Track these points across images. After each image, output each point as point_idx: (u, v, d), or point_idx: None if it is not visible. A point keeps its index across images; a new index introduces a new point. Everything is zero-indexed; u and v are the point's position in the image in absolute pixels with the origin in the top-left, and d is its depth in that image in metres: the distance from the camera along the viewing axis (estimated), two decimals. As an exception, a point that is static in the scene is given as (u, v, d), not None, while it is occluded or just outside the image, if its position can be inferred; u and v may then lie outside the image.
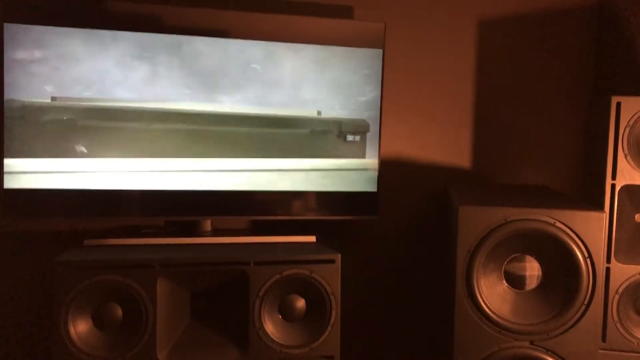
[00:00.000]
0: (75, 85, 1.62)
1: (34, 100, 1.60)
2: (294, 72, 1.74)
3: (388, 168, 2.02)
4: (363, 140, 1.78)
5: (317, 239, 1.76)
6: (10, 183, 1.61)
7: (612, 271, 1.64)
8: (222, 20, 1.70)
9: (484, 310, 1.47)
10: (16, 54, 1.58)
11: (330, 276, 1.58)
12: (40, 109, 1.61)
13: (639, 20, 1.86)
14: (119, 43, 1.64)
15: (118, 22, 1.63)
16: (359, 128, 1.75)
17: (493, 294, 1.49)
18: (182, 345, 1.57)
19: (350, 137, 1.74)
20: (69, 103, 1.62)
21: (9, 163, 1.61)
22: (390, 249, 2.08)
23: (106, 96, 1.64)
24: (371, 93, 1.80)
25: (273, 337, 1.57)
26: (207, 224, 1.78)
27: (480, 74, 2.07)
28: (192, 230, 1.76)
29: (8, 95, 1.59)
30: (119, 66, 1.64)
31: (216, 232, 1.78)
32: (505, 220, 1.45)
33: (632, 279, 1.64)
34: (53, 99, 1.61)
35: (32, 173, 1.62)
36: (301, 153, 1.77)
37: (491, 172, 2.11)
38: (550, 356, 1.48)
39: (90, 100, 1.63)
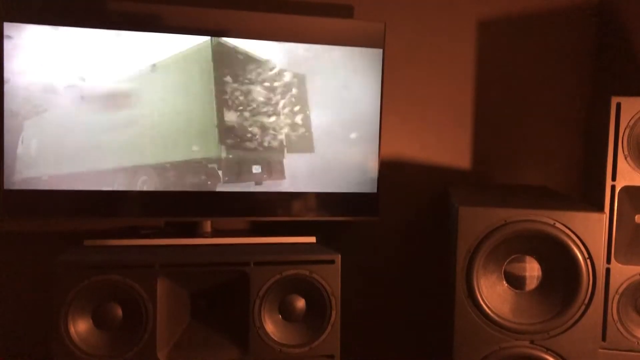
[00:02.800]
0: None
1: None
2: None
3: (388, 168, 2.02)
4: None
5: (317, 239, 1.76)
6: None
7: (612, 272, 1.64)
8: (221, 20, 1.70)
9: (484, 310, 1.47)
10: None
11: (330, 276, 1.58)
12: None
13: (639, 20, 1.86)
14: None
15: (119, 21, 1.64)
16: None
17: (493, 294, 1.49)
18: (182, 345, 1.57)
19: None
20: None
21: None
22: (390, 249, 2.08)
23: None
24: (371, 93, 1.81)
25: (273, 337, 1.57)
26: (207, 225, 1.78)
27: (480, 74, 2.07)
28: (192, 230, 1.76)
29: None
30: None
31: (216, 233, 1.78)
32: (505, 221, 1.45)
33: (632, 279, 1.64)
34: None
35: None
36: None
37: (491, 172, 2.11)
38: (551, 355, 1.48)
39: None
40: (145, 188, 1.68)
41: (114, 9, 1.64)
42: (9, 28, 1.58)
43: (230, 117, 1.70)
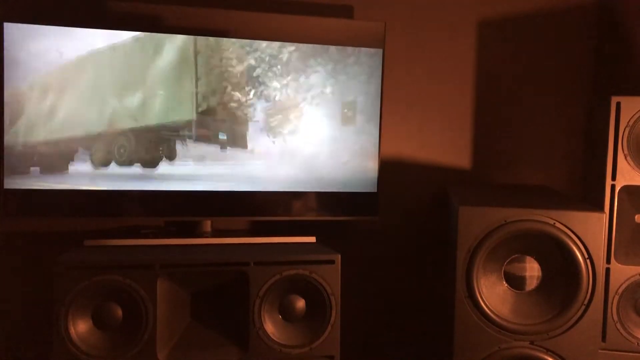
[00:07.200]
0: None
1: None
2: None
3: (388, 168, 2.02)
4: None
5: (317, 239, 1.76)
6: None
7: (612, 272, 1.64)
8: (221, 20, 1.70)
9: (484, 310, 1.47)
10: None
11: (330, 276, 1.58)
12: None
13: (639, 20, 1.86)
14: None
15: (119, 21, 1.64)
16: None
17: (493, 294, 1.49)
18: (182, 345, 1.57)
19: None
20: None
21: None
22: (390, 249, 2.08)
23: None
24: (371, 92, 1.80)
25: (273, 337, 1.57)
26: (207, 225, 1.78)
27: (480, 74, 2.07)
28: (192, 230, 1.76)
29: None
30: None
31: (216, 233, 1.78)
32: (505, 220, 1.45)
33: (632, 280, 1.64)
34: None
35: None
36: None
37: (491, 172, 2.11)
38: (550, 356, 1.48)
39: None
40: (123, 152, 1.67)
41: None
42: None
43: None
